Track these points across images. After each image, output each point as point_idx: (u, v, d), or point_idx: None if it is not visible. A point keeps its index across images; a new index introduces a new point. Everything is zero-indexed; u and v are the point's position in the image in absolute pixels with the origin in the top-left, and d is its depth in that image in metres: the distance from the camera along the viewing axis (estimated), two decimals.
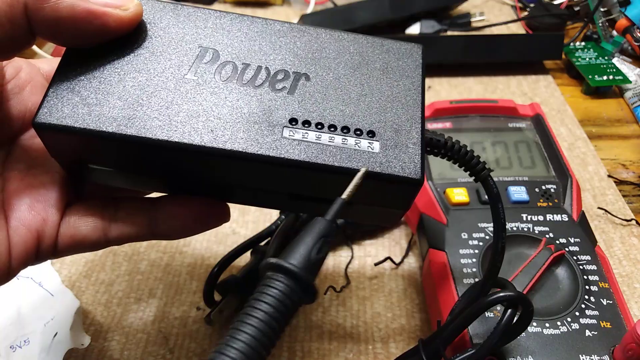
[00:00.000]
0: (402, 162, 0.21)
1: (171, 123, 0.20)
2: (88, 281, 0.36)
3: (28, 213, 0.21)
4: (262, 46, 0.22)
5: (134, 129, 0.20)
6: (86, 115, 0.20)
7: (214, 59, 0.22)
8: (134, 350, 0.32)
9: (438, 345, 0.25)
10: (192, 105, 0.21)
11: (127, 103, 0.20)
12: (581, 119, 0.51)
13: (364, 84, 0.22)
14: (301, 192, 0.22)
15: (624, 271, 0.36)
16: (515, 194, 0.33)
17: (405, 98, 0.22)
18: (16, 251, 0.21)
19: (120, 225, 0.23)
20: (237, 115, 0.21)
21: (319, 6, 0.66)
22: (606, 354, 0.26)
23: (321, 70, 0.22)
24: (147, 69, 0.21)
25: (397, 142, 0.21)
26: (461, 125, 0.38)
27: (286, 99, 0.21)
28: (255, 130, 0.20)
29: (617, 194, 0.42)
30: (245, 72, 0.22)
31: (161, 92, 0.21)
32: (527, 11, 0.66)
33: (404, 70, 0.23)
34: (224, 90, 0.21)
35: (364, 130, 0.21)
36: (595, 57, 0.56)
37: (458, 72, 0.56)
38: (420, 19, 0.62)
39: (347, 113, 0.21)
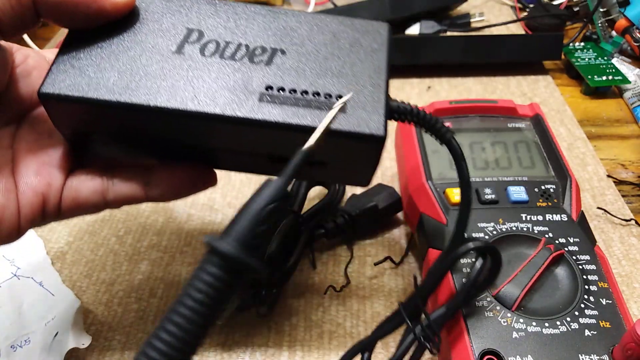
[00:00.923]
0: (366, 121, 0.23)
1: (159, 91, 0.22)
2: (89, 281, 0.36)
3: (35, 178, 0.24)
4: (243, 27, 0.25)
5: (126, 96, 0.22)
6: (85, 86, 0.22)
7: (198, 38, 0.24)
8: (134, 350, 0.32)
9: (417, 302, 0.26)
10: (178, 76, 0.23)
11: (120, 75, 0.23)
12: (580, 119, 0.51)
13: (334, 57, 0.24)
14: (279, 154, 0.24)
15: (623, 271, 0.37)
16: (515, 194, 0.33)
17: (371, 68, 0.24)
18: (24, 212, 0.23)
19: (117, 189, 0.25)
20: (218, 84, 0.23)
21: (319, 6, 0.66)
22: (605, 354, 0.26)
23: (296, 46, 0.25)
24: (140, 47, 0.23)
25: (363, 104, 0.23)
26: (461, 126, 0.38)
27: (263, 70, 0.24)
28: (234, 96, 0.23)
29: (617, 194, 0.42)
30: (226, 49, 0.24)
31: (151, 66, 0.23)
32: (526, 11, 0.66)
33: (371, 45, 0.25)
34: (206, 64, 0.23)
35: (333, 95, 0.23)
36: (595, 58, 0.56)
37: (458, 73, 0.56)
38: (420, 20, 0.62)
39: (318, 81, 0.24)
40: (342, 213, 0.37)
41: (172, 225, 0.40)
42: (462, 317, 0.27)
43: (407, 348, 0.26)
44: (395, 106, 0.25)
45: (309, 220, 0.36)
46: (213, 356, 0.32)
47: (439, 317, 0.26)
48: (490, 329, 0.27)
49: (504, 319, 0.27)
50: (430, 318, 0.26)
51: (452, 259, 0.26)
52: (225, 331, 0.33)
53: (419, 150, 0.36)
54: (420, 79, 0.56)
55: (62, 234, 0.39)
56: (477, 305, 0.28)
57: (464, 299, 0.26)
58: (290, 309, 0.34)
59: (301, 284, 0.36)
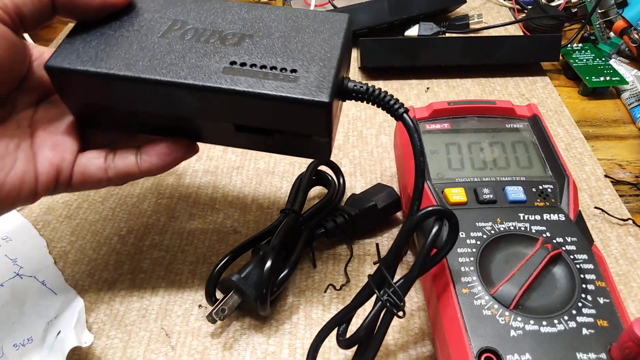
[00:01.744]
0: (313, 90, 0.26)
1: (140, 65, 0.27)
2: (91, 280, 0.36)
3: (50, 152, 0.28)
4: (220, 18, 0.29)
5: (114, 69, 0.26)
6: (85, 61, 0.27)
7: (181, 27, 0.29)
8: (136, 348, 0.32)
9: (382, 270, 0.28)
10: (159, 55, 0.27)
11: (112, 54, 0.27)
12: (578, 119, 0.51)
13: (295, 41, 0.28)
14: (242, 123, 0.28)
15: (621, 270, 0.37)
16: (513, 194, 0.33)
17: (326, 49, 0.28)
18: (41, 180, 0.27)
19: (116, 165, 0.29)
20: (190, 60, 0.27)
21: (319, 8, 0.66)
22: (603, 352, 0.26)
23: (262, 32, 0.28)
24: (131, 33, 0.28)
25: (314, 78, 0.26)
26: (459, 126, 0.38)
27: (231, 50, 0.27)
28: (201, 69, 0.27)
29: (614, 194, 0.43)
30: (202, 34, 0.28)
31: (138, 47, 0.27)
32: (524, 13, 0.67)
33: (329, 32, 0.29)
34: (184, 46, 0.28)
35: (288, 69, 0.27)
36: (593, 59, 0.57)
37: (456, 74, 0.57)
38: (419, 21, 0.62)
39: (276, 58, 0.27)
40: (341, 212, 0.37)
41: (174, 224, 0.40)
42: (460, 315, 0.28)
43: (378, 314, 0.28)
44: (351, 86, 0.28)
45: (309, 220, 0.36)
46: (214, 355, 0.32)
47: (403, 282, 0.28)
48: (488, 328, 0.27)
49: (502, 317, 0.27)
50: (395, 285, 0.27)
51: (410, 226, 0.27)
52: (226, 330, 0.33)
53: None
54: (419, 80, 0.56)
55: (65, 234, 0.39)
56: (475, 303, 0.28)
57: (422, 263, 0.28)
58: (291, 307, 0.35)
59: (301, 283, 0.36)
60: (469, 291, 0.29)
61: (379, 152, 0.46)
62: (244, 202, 0.42)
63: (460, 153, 0.37)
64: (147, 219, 0.40)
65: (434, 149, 0.37)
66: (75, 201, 0.42)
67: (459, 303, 0.28)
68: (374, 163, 0.45)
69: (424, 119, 0.39)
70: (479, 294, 0.28)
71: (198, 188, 0.43)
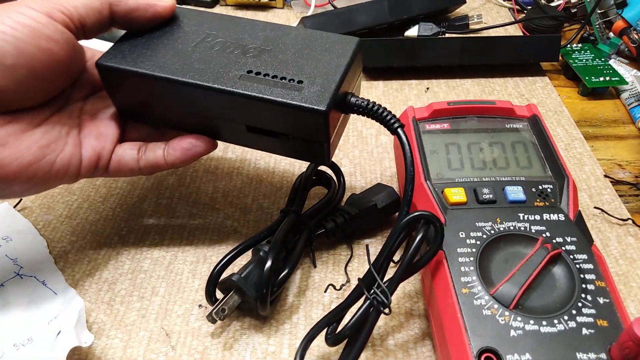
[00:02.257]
0: (314, 99, 0.29)
1: (172, 68, 0.31)
2: (91, 280, 0.36)
3: (95, 141, 0.33)
4: (245, 34, 0.33)
5: (152, 69, 0.31)
6: (128, 61, 0.32)
7: (212, 39, 0.33)
8: (136, 348, 0.32)
9: (371, 271, 0.29)
10: (189, 61, 0.32)
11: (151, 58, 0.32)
12: (578, 119, 0.51)
13: (306, 57, 0.32)
14: (252, 124, 0.32)
15: (620, 270, 0.37)
16: (512, 194, 0.33)
17: (333, 66, 0.31)
18: (84, 164, 0.32)
19: (146, 158, 0.34)
20: (213, 67, 0.31)
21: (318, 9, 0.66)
22: (603, 352, 0.26)
23: (279, 48, 0.32)
24: (169, 42, 0.33)
25: (316, 89, 0.30)
26: (459, 126, 0.38)
27: (250, 61, 0.32)
28: (221, 75, 0.31)
29: (614, 194, 0.43)
30: (228, 47, 0.33)
31: (172, 54, 0.32)
32: (524, 13, 0.67)
33: (339, 52, 0.32)
34: (211, 55, 0.32)
35: (296, 80, 0.30)
36: (592, 59, 0.57)
37: (456, 74, 0.57)
38: (419, 22, 0.62)
39: (287, 70, 0.31)
40: (341, 212, 0.37)
41: (174, 224, 0.40)
42: (460, 315, 0.28)
43: (366, 312, 0.29)
44: (353, 101, 0.31)
45: (309, 220, 0.36)
46: (214, 355, 0.32)
47: (389, 283, 0.29)
48: (488, 328, 0.27)
49: (502, 317, 0.28)
50: (383, 284, 0.29)
51: (398, 230, 0.29)
52: (226, 330, 0.33)
53: (418, 150, 0.36)
54: (418, 81, 0.56)
55: (65, 234, 0.39)
56: (475, 303, 0.28)
57: (406, 266, 0.29)
58: (291, 307, 0.35)
59: (301, 283, 0.36)
60: (468, 291, 0.29)
61: (379, 152, 0.47)
62: (244, 202, 0.42)
63: (460, 153, 0.37)
64: (147, 219, 0.40)
65: (434, 149, 0.37)
66: (76, 201, 0.42)
67: (459, 303, 0.28)
68: (374, 163, 0.45)
69: (423, 119, 0.39)
70: (478, 293, 0.29)
71: (198, 188, 0.43)
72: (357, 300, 0.30)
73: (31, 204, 0.41)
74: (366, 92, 0.55)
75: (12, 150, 0.29)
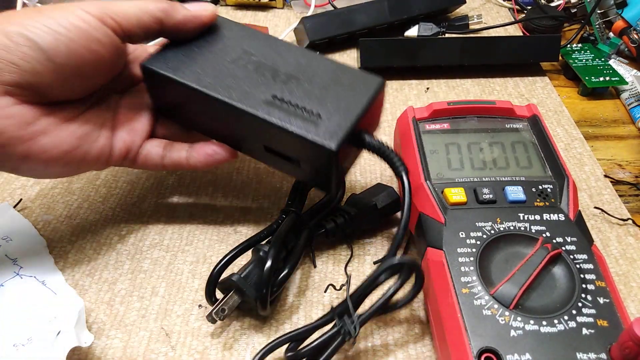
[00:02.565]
0: (327, 136, 0.30)
1: (205, 81, 0.33)
2: (91, 280, 0.36)
3: (126, 135, 0.35)
4: (280, 57, 0.35)
5: (187, 79, 0.33)
6: (169, 67, 0.34)
7: (248, 57, 0.34)
8: (136, 348, 0.32)
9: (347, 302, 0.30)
10: (222, 76, 0.33)
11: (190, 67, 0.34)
12: (578, 119, 0.51)
13: (331, 90, 0.33)
14: (270, 146, 0.33)
15: (621, 270, 0.37)
16: (512, 194, 0.33)
17: (352, 104, 0.32)
18: (114, 154, 0.34)
19: (171, 156, 0.36)
20: (243, 87, 0.33)
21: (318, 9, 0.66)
22: (603, 352, 0.26)
23: (307, 77, 0.33)
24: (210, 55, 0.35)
25: (332, 126, 0.31)
26: (459, 126, 0.39)
27: (277, 85, 0.33)
28: (249, 96, 0.32)
29: (614, 194, 0.43)
30: (261, 67, 0.34)
31: (210, 67, 0.34)
32: (524, 13, 0.67)
33: (361, 90, 0.33)
34: (244, 73, 0.34)
35: (315, 112, 0.31)
36: (592, 59, 0.57)
37: (455, 74, 0.57)
38: (419, 22, 0.62)
39: (309, 102, 0.32)
40: (341, 213, 0.37)
41: (174, 224, 0.40)
42: (460, 315, 0.28)
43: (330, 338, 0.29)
44: (367, 140, 0.33)
45: (309, 220, 0.36)
46: (214, 355, 0.32)
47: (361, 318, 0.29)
48: (488, 327, 0.27)
49: (502, 317, 0.28)
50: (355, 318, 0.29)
51: (380, 272, 0.30)
52: (226, 330, 0.33)
53: (418, 150, 0.36)
54: (418, 81, 0.56)
55: (65, 234, 0.39)
56: (475, 303, 0.28)
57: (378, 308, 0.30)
58: (291, 307, 0.35)
59: (301, 283, 0.36)
60: (468, 291, 0.29)
61: None
62: (244, 202, 0.42)
63: (460, 153, 0.37)
64: (147, 219, 0.40)
65: (434, 149, 0.37)
66: (76, 201, 0.42)
67: (459, 303, 0.28)
68: (374, 163, 0.45)
69: (423, 119, 0.39)
70: (478, 293, 0.29)
71: (198, 188, 0.43)
72: (326, 325, 0.30)
73: (31, 204, 0.41)
74: None
75: (53, 138, 0.31)
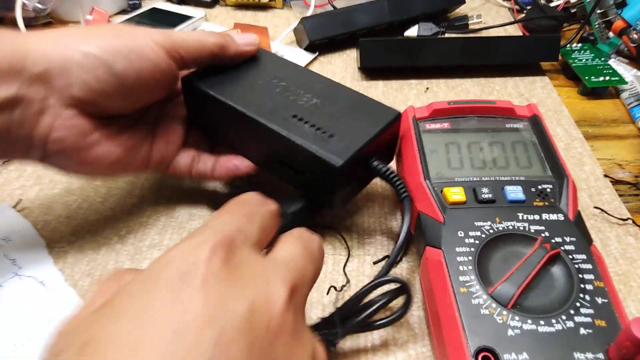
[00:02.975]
0: (334, 154, 0.32)
1: (237, 98, 0.37)
2: (91, 280, 0.36)
3: (163, 145, 0.38)
4: (306, 83, 0.38)
5: (219, 94, 0.37)
6: (206, 83, 0.38)
7: (278, 81, 0.38)
8: None
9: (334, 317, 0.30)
10: (252, 96, 0.37)
11: (224, 84, 0.38)
12: (577, 119, 0.51)
13: (348, 116, 0.35)
14: (285, 161, 0.36)
15: (620, 270, 0.37)
16: (512, 194, 0.33)
17: (365, 130, 0.34)
18: (151, 164, 0.38)
19: (197, 168, 0.39)
20: (269, 106, 0.36)
21: (318, 9, 0.66)
22: (601, 352, 0.26)
23: (329, 102, 0.37)
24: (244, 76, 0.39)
25: (341, 146, 0.33)
26: (459, 126, 0.38)
27: (299, 107, 0.36)
28: (273, 114, 0.35)
29: (614, 194, 0.43)
30: (288, 90, 0.38)
31: (244, 87, 0.38)
32: (524, 13, 0.67)
33: (375, 119, 0.35)
34: (273, 94, 0.37)
35: (328, 133, 0.34)
36: (592, 59, 0.57)
37: (455, 74, 0.57)
38: (418, 22, 0.62)
39: (325, 123, 0.35)
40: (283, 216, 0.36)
41: (174, 224, 0.40)
42: (458, 314, 0.28)
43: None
44: (375, 164, 0.35)
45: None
46: None
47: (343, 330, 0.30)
48: (485, 327, 0.27)
49: (500, 316, 0.28)
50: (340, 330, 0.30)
51: (369, 288, 0.30)
52: None
53: (417, 149, 0.36)
54: (418, 81, 0.56)
55: (64, 233, 0.39)
56: (473, 302, 0.28)
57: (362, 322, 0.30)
58: None
59: None
60: (467, 290, 0.29)
61: None
62: None
63: (460, 152, 0.37)
64: (146, 219, 0.40)
65: (434, 149, 0.37)
66: (75, 201, 0.42)
67: (457, 302, 0.28)
68: None
69: (424, 119, 0.39)
70: (476, 293, 0.29)
71: (198, 188, 0.43)
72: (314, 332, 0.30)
73: (31, 204, 0.41)
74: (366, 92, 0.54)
75: (105, 149, 0.34)
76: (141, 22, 0.65)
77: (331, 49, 0.61)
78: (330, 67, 0.59)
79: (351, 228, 0.40)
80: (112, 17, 0.69)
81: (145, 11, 0.68)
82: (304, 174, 0.35)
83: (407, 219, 0.33)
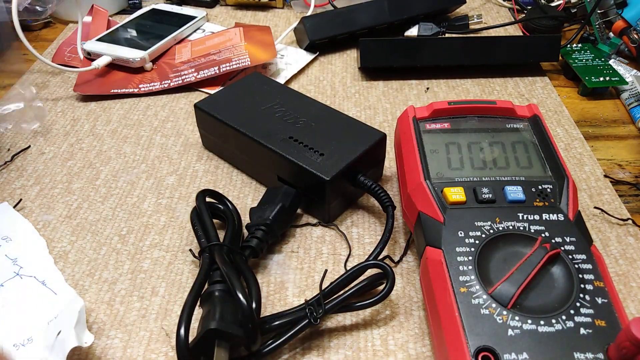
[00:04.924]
0: (323, 169, 0.37)
1: (240, 120, 0.42)
2: (91, 280, 0.36)
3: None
4: (303, 107, 0.44)
5: (224, 117, 0.43)
6: (213, 107, 0.44)
7: (279, 105, 0.44)
8: (136, 348, 0.33)
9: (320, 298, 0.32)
10: (253, 119, 0.42)
11: (229, 108, 0.44)
12: (578, 119, 0.51)
13: (338, 137, 0.40)
14: (282, 176, 0.40)
15: (620, 270, 0.37)
16: (512, 194, 0.33)
17: (350, 151, 0.39)
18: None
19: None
20: (268, 127, 0.41)
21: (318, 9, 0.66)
22: (600, 352, 0.26)
23: (321, 125, 0.42)
24: (247, 101, 0.44)
25: (329, 164, 0.38)
26: (459, 126, 0.39)
27: (295, 129, 0.41)
28: (270, 135, 0.41)
29: (614, 194, 0.43)
30: (286, 114, 0.43)
31: (245, 110, 0.44)
32: (524, 13, 0.67)
33: (362, 140, 0.40)
34: (272, 118, 0.43)
35: (319, 152, 0.39)
36: (592, 59, 0.57)
37: (456, 74, 0.57)
38: (419, 22, 0.62)
39: (317, 144, 0.40)
40: (257, 228, 0.36)
41: (174, 224, 0.40)
42: (458, 314, 0.28)
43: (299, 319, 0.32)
44: (361, 180, 0.39)
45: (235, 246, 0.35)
46: None
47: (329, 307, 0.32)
48: (485, 327, 0.27)
49: (500, 316, 0.28)
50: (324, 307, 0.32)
51: (354, 272, 0.33)
52: None
53: (418, 149, 0.36)
54: (418, 81, 0.56)
55: (65, 233, 0.39)
56: (473, 302, 0.28)
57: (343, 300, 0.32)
58: (291, 307, 0.35)
59: (301, 283, 0.36)
60: (467, 290, 0.29)
61: None
62: (244, 203, 0.42)
63: (460, 153, 0.37)
64: (147, 219, 0.41)
65: (434, 149, 0.37)
66: (76, 201, 0.42)
67: (457, 302, 0.28)
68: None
69: (424, 119, 0.39)
70: (477, 293, 0.29)
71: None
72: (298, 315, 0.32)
73: (31, 204, 0.41)
74: (366, 92, 0.55)
75: None
76: (141, 22, 0.65)
77: (331, 49, 0.61)
78: (331, 67, 0.59)
79: (351, 228, 0.40)
80: (112, 17, 0.69)
81: (145, 12, 0.68)
82: (300, 189, 0.39)
83: (390, 226, 0.37)
